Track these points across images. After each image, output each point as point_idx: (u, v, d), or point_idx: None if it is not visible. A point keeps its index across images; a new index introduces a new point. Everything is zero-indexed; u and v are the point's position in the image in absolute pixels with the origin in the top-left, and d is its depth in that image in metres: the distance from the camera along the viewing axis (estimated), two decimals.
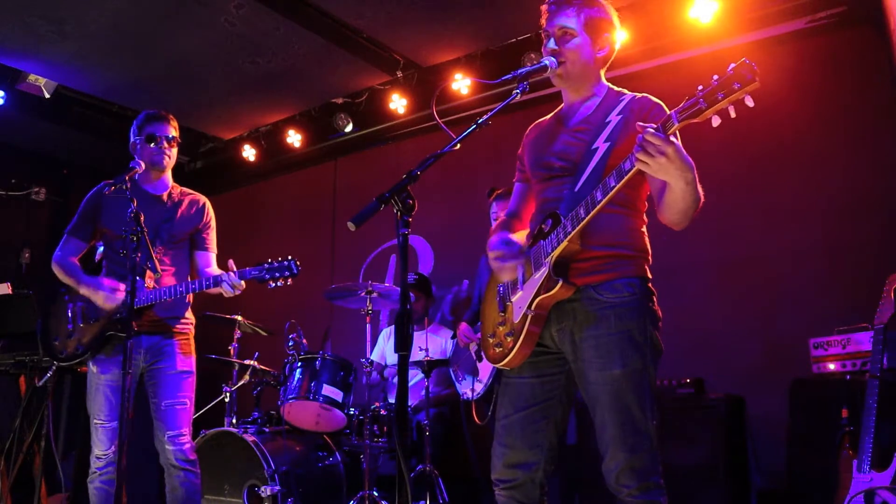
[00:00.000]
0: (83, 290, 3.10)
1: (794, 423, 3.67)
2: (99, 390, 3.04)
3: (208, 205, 3.38)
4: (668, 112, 2.07)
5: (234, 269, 3.00)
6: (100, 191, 3.19)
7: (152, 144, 3.18)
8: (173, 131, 3.24)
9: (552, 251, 2.02)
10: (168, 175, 3.32)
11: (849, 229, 4.01)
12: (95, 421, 3.03)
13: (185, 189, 3.38)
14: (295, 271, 3.00)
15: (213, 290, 3.08)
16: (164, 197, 3.27)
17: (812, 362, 3.57)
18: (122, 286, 3.02)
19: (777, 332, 4.11)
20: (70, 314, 3.16)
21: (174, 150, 3.26)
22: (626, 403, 1.96)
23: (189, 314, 3.26)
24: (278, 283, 3.01)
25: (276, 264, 3.00)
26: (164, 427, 3.02)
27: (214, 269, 3.27)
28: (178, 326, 3.18)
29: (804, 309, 4.04)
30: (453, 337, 4.27)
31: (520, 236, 2.28)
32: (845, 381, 3.36)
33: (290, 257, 3.03)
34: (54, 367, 3.41)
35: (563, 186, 2.13)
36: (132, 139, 3.23)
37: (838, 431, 3.10)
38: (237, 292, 3.04)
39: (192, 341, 3.25)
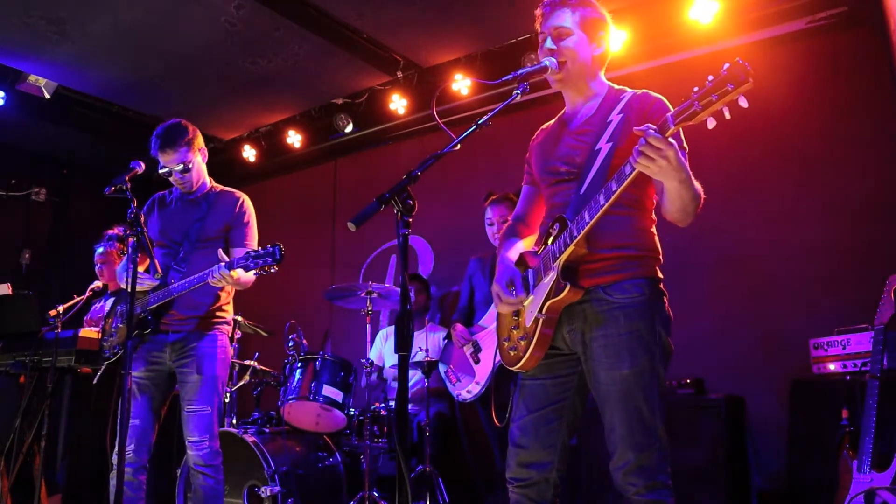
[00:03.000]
0: (123, 285, 3.18)
1: (794, 423, 3.67)
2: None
3: (244, 200, 3.32)
4: (670, 107, 2.08)
5: (226, 259, 2.93)
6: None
7: (170, 178, 3.21)
8: (185, 152, 3.16)
9: (560, 256, 2.03)
10: (203, 177, 3.31)
11: (849, 229, 4.01)
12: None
13: (225, 188, 3.36)
14: (278, 257, 2.85)
15: (221, 285, 3.00)
16: (201, 197, 3.28)
17: (812, 362, 3.57)
18: (147, 278, 3.06)
19: (777, 332, 4.11)
20: (115, 316, 3.30)
21: (191, 173, 3.21)
22: (636, 403, 1.97)
23: (222, 313, 3.22)
24: (263, 272, 2.88)
25: (260, 251, 2.88)
26: (186, 431, 3.04)
27: None
28: (203, 326, 3.14)
29: (804, 309, 4.04)
30: (447, 337, 4.27)
31: (527, 243, 2.30)
32: (845, 382, 3.36)
33: (276, 243, 2.89)
34: (103, 367, 3.48)
35: (570, 190, 2.13)
36: None
37: (838, 431, 3.10)
38: (223, 283, 2.94)
39: (223, 342, 3.18)
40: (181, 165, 3.17)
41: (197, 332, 3.13)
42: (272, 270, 2.89)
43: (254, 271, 2.89)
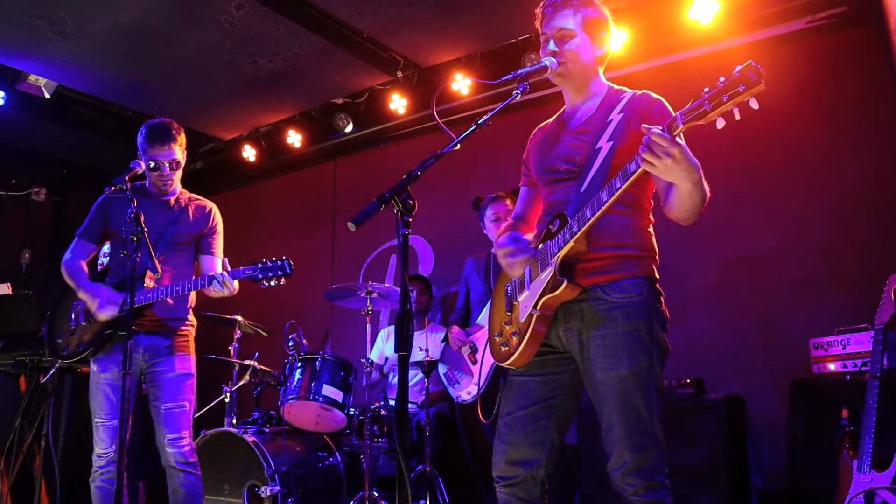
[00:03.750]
0: (81, 295, 3.12)
1: (794, 423, 3.67)
2: (99, 389, 3.05)
3: (215, 211, 3.37)
4: (670, 108, 2.08)
5: (228, 268, 2.99)
6: (108, 193, 3.19)
7: (155, 173, 3.17)
8: (176, 149, 3.18)
9: (558, 251, 2.03)
10: (178, 179, 3.32)
11: (849, 229, 4.01)
12: (96, 420, 3.04)
13: (193, 195, 3.38)
14: (288, 271, 2.96)
15: (212, 293, 3.06)
16: (172, 201, 3.28)
17: (812, 362, 3.57)
18: (120, 298, 3.04)
19: (777, 332, 4.11)
20: (73, 313, 3.19)
21: (178, 171, 3.23)
22: (633, 403, 1.96)
23: (191, 317, 3.27)
24: (271, 283, 2.97)
25: (269, 264, 2.98)
26: (163, 430, 3.03)
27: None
28: (178, 328, 3.18)
29: (804, 309, 4.04)
30: (444, 339, 4.27)
31: (527, 238, 2.28)
32: (845, 381, 3.36)
33: (283, 257, 2.99)
34: (57, 366, 3.45)
35: (570, 188, 2.13)
36: (139, 153, 3.20)
37: (838, 431, 3.10)
38: (227, 292, 3.00)
39: (192, 343, 3.25)
40: (171, 161, 3.17)
41: (170, 333, 3.14)
42: (280, 283, 2.97)
43: (262, 282, 2.95)
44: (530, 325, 2.07)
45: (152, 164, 3.15)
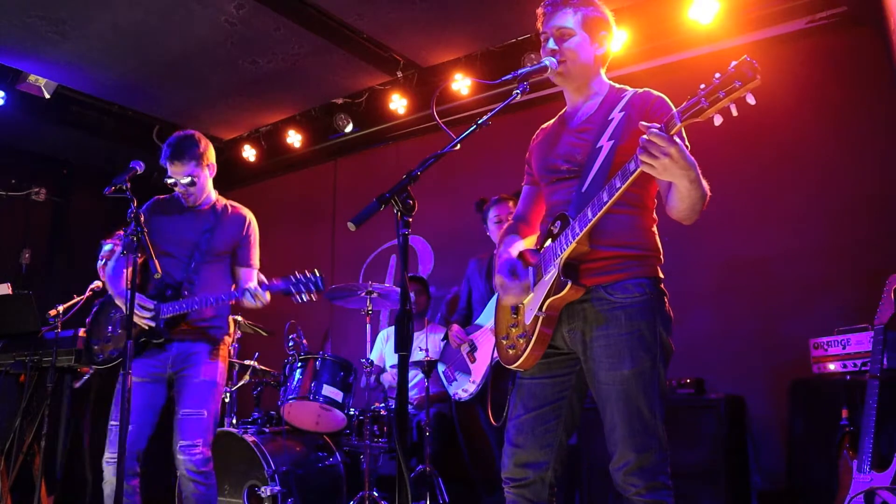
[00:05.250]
0: (118, 301, 3.18)
1: (794, 423, 3.67)
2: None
3: (252, 221, 3.36)
4: (671, 105, 2.08)
5: (264, 280, 3.01)
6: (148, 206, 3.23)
7: (175, 188, 3.21)
8: (192, 165, 3.15)
9: (561, 253, 2.03)
10: (207, 191, 3.30)
11: (849, 229, 4.01)
12: (112, 423, 3.01)
13: (231, 203, 3.38)
14: (321, 287, 2.98)
15: (246, 305, 3.08)
16: (208, 210, 3.29)
17: (812, 362, 3.57)
18: (151, 304, 3.05)
19: (777, 332, 4.11)
20: (111, 323, 3.26)
21: (196, 187, 3.21)
22: (636, 403, 1.96)
23: (224, 323, 3.25)
24: (303, 298, 2.99)
25: (301, 278, 2.99)
26: (178, 436, 3.01)
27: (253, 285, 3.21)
28: (214, 336, 3.17)
29: (804, 309, 4.04)
30: (444, 338, 4.28)
31: (528, 242, 2.29)
32: (845, 382, 3.36)
33: (316, 272, 3.00)
34: (92, 371, 3.50)
35: (571, 188, 2.13)
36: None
37: (838, 431, 3.10)
38: (259, 304, 3.02)
39: (225, 352, 3.23)
40: (188, 179, 3.17)
41: (200, 342, 3.14)
42: (311, 298, 2.99)
43: (294, 296, 2.98)
44: (536, 327, 2.07)
45: (171, 182, 3.19)
